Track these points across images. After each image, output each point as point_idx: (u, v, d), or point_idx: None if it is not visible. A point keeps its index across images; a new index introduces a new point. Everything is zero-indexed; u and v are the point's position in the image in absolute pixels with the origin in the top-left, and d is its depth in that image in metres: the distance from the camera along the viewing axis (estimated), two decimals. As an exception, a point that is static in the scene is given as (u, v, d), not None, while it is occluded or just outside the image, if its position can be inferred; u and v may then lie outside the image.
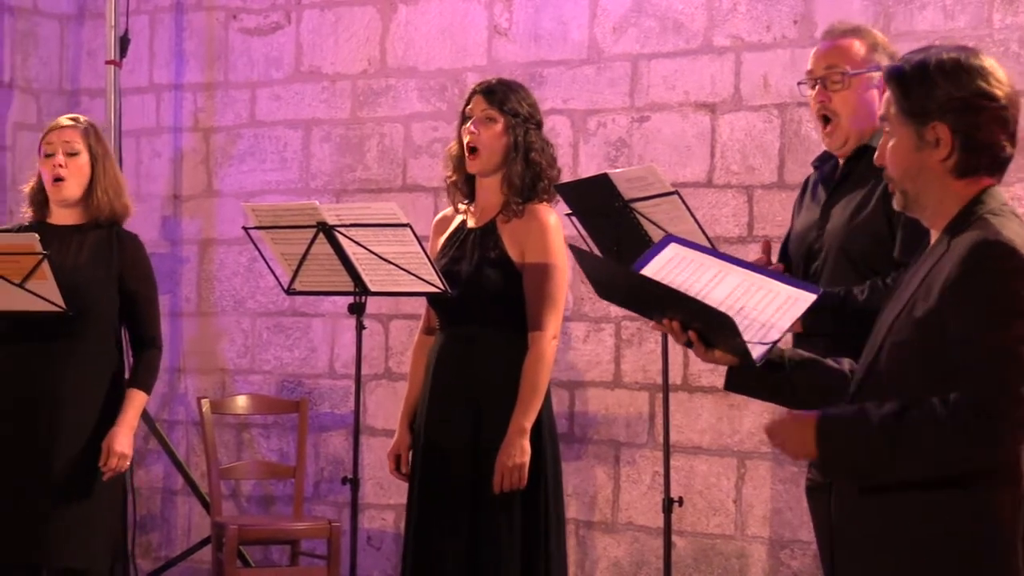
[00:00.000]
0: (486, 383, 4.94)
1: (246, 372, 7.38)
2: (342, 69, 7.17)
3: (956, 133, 2.98)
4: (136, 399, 5.36)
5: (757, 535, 6.13)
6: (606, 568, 6.44)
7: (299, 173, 7.26)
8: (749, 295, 3.16)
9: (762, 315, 3.13)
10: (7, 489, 5.19)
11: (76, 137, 5.34)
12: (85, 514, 5.25)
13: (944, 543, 2.91)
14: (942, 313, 2.89)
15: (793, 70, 6.01)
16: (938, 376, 2.88)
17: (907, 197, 3.06)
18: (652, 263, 3.23)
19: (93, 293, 5.29)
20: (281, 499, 7.23)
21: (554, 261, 4.93)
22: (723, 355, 3.16)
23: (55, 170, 5.30)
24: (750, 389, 3.32)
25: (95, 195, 5.34)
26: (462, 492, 4.91)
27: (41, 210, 5.41)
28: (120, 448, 5.26)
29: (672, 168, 6.24)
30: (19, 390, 5.24)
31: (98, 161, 5.36)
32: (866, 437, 2.92)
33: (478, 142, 4.98)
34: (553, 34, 6.62)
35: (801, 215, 4.50)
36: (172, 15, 7.63)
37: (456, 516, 4.90)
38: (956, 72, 3.00)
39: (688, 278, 3.19)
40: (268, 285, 7.12)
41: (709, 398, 6.23)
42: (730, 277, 3.20)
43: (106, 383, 5.36)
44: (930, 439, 2.87)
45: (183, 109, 7.60)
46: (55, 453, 5.22)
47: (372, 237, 4.99)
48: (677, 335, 3.18)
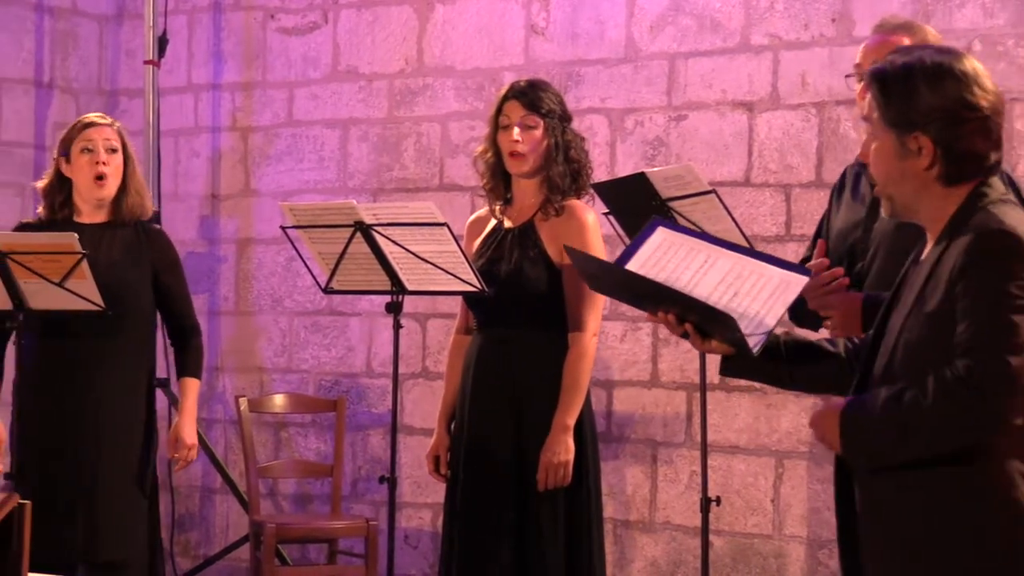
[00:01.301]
0: (527, 383, 4.95)
1: (284, 371, 7.40)
2: (379, 68, 7.18)
3: (938, 144, 2.95)
4: (193, 387, 5.46)
5: (795, 534, 6.12)
6: (643, 567, 6.44)
7: (336, 172, 7.28)
8: (741, 280, 3.13)
9: (756, 302, 3.11)
10: (55, 486, 5.24)
11: (113, 136, 5.39)
12: (129, 508, 5.32)
13: (953, 518, 2.92)
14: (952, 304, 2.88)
15: (831, 68, 5.99)
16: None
17: (894, 202, 3.05)
18: (642, 250, 3.20)
19: (131, 290, 5.33)
20: (319, 498, 7.24)
21: None
22: (719, 345, 3.16)
23: (99, 167, 5.33)
24: (746, 374, 3.34)
25: (128, 195, 5.38)
26: (506, 491, 4.91)
27: (62, 209, 5.41)
28: (190, 439, 5.37)
29: (709, 167, 6.23)
30: (64, 388, 5.29)
31: (130, 160, 5.41)
32: (874, 424, 2.95)
33: (523, 149, 4.99)
34: (590, 33, 6.62)
35: (842, 211, 4.47)
36: (210, 15, 7.65)
37: (501, 515, 4.91)
38: (939, 79, 2.96)
39: (679, 265, 3.16)
40: (306, 284, 7.14)
41: (747, 397, 6.21)
42: (721, 262, 3.16)
43: (146, 378, 5.42)
44: (926, 417, 2.88)
45: (221, 109, 7.62)
46: (101, 449, 5.28)
47: (409, 236, 4.99)
48: (673, 327, 3.17)
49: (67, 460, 5.26)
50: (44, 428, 5.28)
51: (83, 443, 5.27)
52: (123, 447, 5.31)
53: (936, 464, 2.92)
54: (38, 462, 5.27)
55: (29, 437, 5.27)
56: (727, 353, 3.19)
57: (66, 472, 5.26)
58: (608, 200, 5.16)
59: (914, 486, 2.95)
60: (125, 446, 5.32)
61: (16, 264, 5.06)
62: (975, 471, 2.90)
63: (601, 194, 5.14)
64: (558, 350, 4.93)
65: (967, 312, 2.86)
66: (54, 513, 5.17)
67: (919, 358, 2.92)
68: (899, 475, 2.97)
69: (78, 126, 5.42)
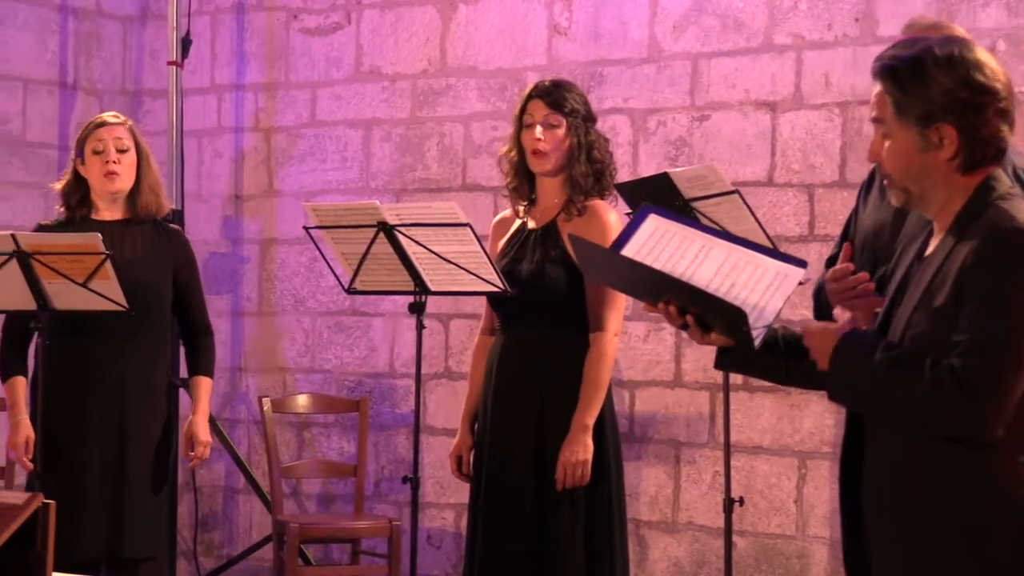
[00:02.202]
0: (549, 383, 4.95)
1: (307, 371, 7.41)
2: (402, 69, 7.19)
3: (962, 132, 2.95)
4: (206, 386, 5.51)
5: (818, 535, 6.11)
6: (666, 568, 6.43)
7: (359, 173, 7.28)
8: (737, 271, 3.10)
9: (753, 294, 3.07)
10: (81, 484, 5.26)
11: (125, 134, 5.41)
12: (150, 505, 5.36)
13: (955, 505, 2.92)
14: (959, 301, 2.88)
15: (855, 68, 5.98)
16: None
17: (910, 195, 3.03)
18: (635, 238, 3.15)
19: (152, 288, 5.36)
20: (342, 498, 7.25)
21: None
22: (719, 337, 3.14)
23: (109, 166, 5.35)
24: (743, 368, 3.33)
25: (142, 193, 5.42)
26: (527, 491, 4.92)
27: (79, 207, 5.45)
28: (205, 436, 5.42)
29: (732, 167, 6.22)
30: (85, 387, 5.31)
31: (143, 158, 5.44)
32: (866, 368, 2.95)
33: (545, 147, 5.00)
34: (613, 33, 6.61)
35: (869, 211, 4.44)
36: (233, 16, 7.67)
37: (522, 515, 4.91)
38: (952, 67, 2.95)
39: (673, 254, 3.12)
40: (329, 284, 7.15)
41: (770, 398, 6.20)
42: (715, 252, 3.12)
43: (166, 375, 5.46)
44: (911, 395, 2.90)
45: (244, 109, 7.64)
46: (127, 447, 5.30)
47: (432, 236, 5.00)
48: (673, 319, 3.14)
49: (89, 459, 5.29)
50: (66, 427, 5.30)
51: (105, 442, 5.29)
52: (144, 446, 5.34)
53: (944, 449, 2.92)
54: (61, 461, 5.30)
55: (51, 436, 5.29)
56: (727, 345, 3.18)
57: (89, 471, 5.28)
58: (631, 200, 5.15)
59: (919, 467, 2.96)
60: (146, 445, 5.35)
61: (40, 265, 5.07)
62: (983, 459, 2.90)
63: (624, 194, 5.14)
64: (580, 350, 4.94)
65: (972, 312, 2.86)
66: (77, 511, 5.19)
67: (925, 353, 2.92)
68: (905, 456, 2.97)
69: (90, 126, 5.46)
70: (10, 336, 5.44)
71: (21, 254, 5.06)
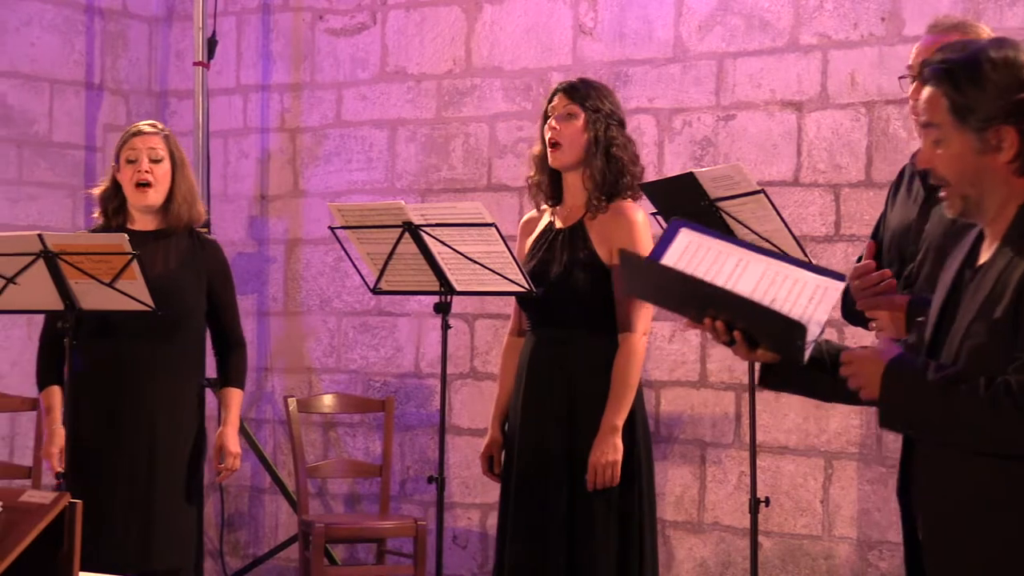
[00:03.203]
0: (579, 383, 4.95)
1: (332, 371, 7.42)
2: (427, 69, 7.19)
3: (1021, 134, 2.91)
4: (236, 397, 5.49)
5: (845, 535, 6.09)
6: (692, 568, 6.42)
7: (385, 173, 7.29)
8: (776, 286, 3.03)
9: (795, 308, 3.00)
10: (107, 491, 5.25)
11: (159, 144, 5.39)
12: (180, 515, 5.33)
13: (1010, 527, 2.89)
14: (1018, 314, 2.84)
15: (881, 68, 5.97)
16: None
17: (968, 202, 2.98)
18: (668, 254, 3.08)
19: (187, 299, 5.36)
20: (367, 498, 7.26)
21: None
22: (766, 353, 3.09)
23: (141, 175, 5.35)
24: (789, 386, 3.27)
25: (175, 202, 5.40)
26: (558, 492, 4.91)
27: (116, 216, 5.45)
28: (235, 448, 5.40)
29: (758, 167, 6.22)
30: (117, 393, 5.31)
31: (178, 168, 5.42)
32: (919, 395, 2.90)
33: (559, 137, 4.99)
34: (638, 33, 6.61)
35: (896, 209, 4.43)
36: (259, 16, 7.68)
37: (553, 516, 4.90)
38: (1010, 69, 2.92)
39: (709, 268, 3.05)
40: (354, 285, 7.16)
41: (796, 398, 6.18)
42: (752, 266, 3.06)
43: (197, 387, 5.45)
44: (968, 415, 2.85)
45: (270, 110, 7.65)
46: (157, 457, 5.29)
47: (457, 237, 5.00)
48: (720, 334, 3.08)
49: (120, 466, 5.28)
50: (97, 432, 5.31)
51: (136, 449, 5.29)
52: (175, 456, 5.33)
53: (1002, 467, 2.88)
54: (90, 466, 5.30)
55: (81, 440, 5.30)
56: (773, 361, 3.13)
57: (119, 478, 5.28)
58: (656, 200, 5.15)
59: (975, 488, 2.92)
60: (177, 455, 5.34)
61: (67, 265, 5.09)
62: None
63: (649, 194, 5.13)
64: (609, 350, 4.93)
65: None
66: (107, 518, 5.19)
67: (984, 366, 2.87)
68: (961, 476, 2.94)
69: (126, 134, 5.46)
70: (47, 346, 5.45)
71: (48, 254, 5.08)
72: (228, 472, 5.45)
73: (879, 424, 3.05)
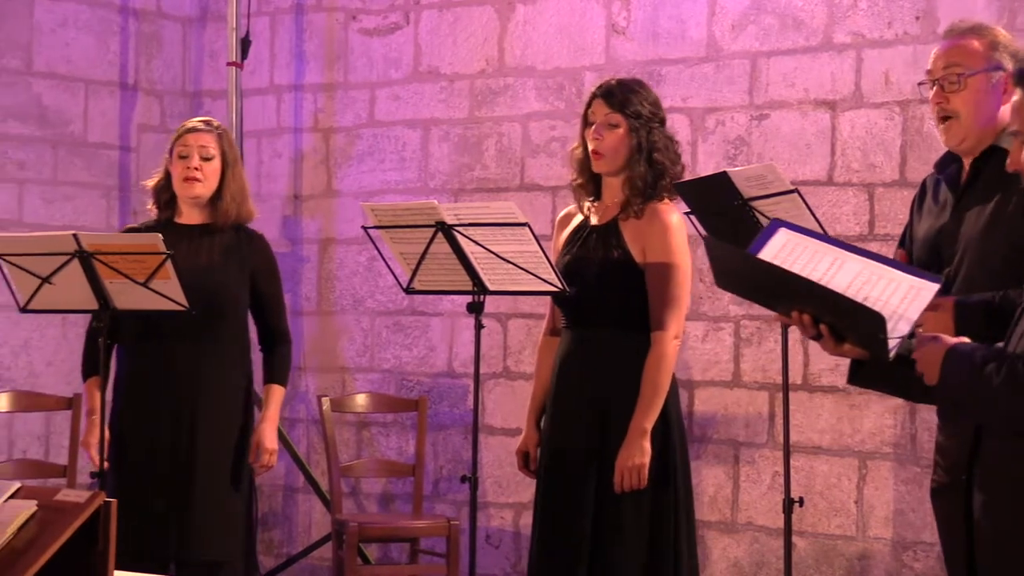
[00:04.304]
0: (612, 383, 4.93)
1: (366, 371, 7.43)
2: (460, 69, 7.19)
3: None
4: (277, 394, 5.52)
5: (879, 536, 6.07)
6: (725, 568, 6.41)
7: (418, 173, 7.30)
8: (871, 285, 3.06)
9: (888, 306, 3.02)
10: (154, 486, 5.29)
11: (211, 142, 5.43)
12: (224, 509, 5.36)
13: None
14: None
15: (915, 67, 5.94)
16: None
17: None
18: (766, 250, 3.13)
19: (229, 293, 5.39)
20: (400, 497, 7.26)
21: (676, 261, 4.91)
22: (852, 348, 3.09)
23: (189, 171, 5.39)
24: (876, 384, 3.25)
25: (223, 200, 5.43)
26: (586, 492, 4.90)
27: (168, 208, 5.50)
28: (271, 444, 5.43)
29: (792, 166, 6.20)
30: (160, 390, 5.34)
31: (228, 167, 5.45)
32: (977, 380, 2.91)
33: (602, 147, 4.98)
34: (671, 32, 6.60)
35: (924, 218, 4.40)
36: (292, 16, 7.70)
37: (581, 517, 4.89)
38: None
39: (805, 266, 3.09)
40: (387, 284, 7.16)
41: (829, 398, 6.18)
42: (848, 265, 3.10)
43: (243, 381, 5.47)
44: (1012, 396, 2.87)
45: (303, 110, 7.67)
46: (198, 450, 5.32)
47: (490, 236, 5.00)
48: (807, 328, 3.09)
49: (162, 461, 5.31)
50: (138, 425, 5.34)
51: (179, 444, 5.31)
52: (216, 450, 5.36)
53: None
54: (133, 462, 5.34)
55: (125, 437, 5.34)
56: (860, 358, 3.13)
57: (161, 473, 5.30)
58: (689, 199, 5.14)
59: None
60: (218, 449, 5.36)
61: (101, 264, 5.11)
62: None
63: (682, 193, 5.12)
64: (642, 350, 4.91)
65: None
66: (149, 513, 5.22)
67: None
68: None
69: (180, 130, 5.52)
70: (93, 336, 5.48)
71: (83, 254, 5.10)
72: (264, 468, 5.47)
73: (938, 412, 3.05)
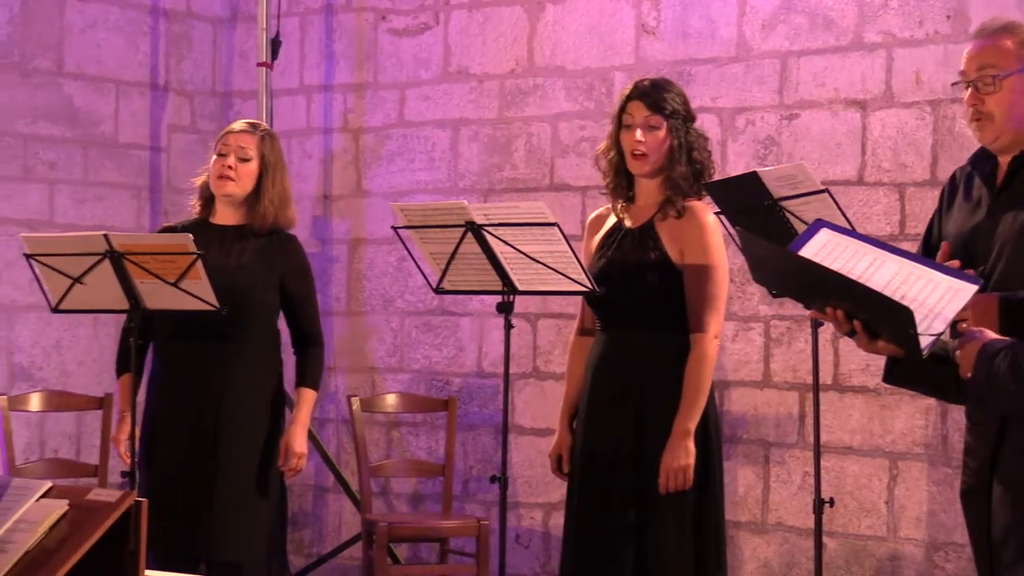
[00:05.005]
0: (648, 385, 4.91)
1: (395, 371, 7.44)
2: (490, 69, 7.19)
3: None
4: (307, 397, 5.50)
5: (910, 537, 6.05)
6: (755, 569, 6.40)
7: (447, 173, 7.30)
8: (908, 284, 3.08)
9: (924, 305, 3.04)
10: (179, 484, 5.31)
11: (251, 143, 5.43)
12: (248, 510, 5.36)
13: None
14: None
15: (946, 66, 5.92)
16: None
17: None
18: (806, 248, 3.16)
19: (257, 294, 5.39)
20: (430, 497, 7.27)
21: (714, 261, 4.91)
22: (886, 346, 3.09)
23: (223, 170, 5.39)
24: (911, 382, 3.25)
25: (262, 203, 5.42)
26: (627, 496, 4.88)
27: (208, 206, 5.51)
28: (299, 448, 5.42)
29: (822, 166, 6.18)
30: (190, 390, 5.35)
31: (268, 171, 5.43)
32: (989, 373, 2.94)
33: (645, 150, 4.96)
34: (701, 32, 6.59)
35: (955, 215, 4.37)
36: (322, 17, 7.71)
37: (622, 521, 4.87)
38: None
39: (844, 265, 3.11)
40: (417, 284, 7.17)
41: (860, 398, 6.16)
42: (888, 264, 3.12)
43: (273, 382, 5.47)
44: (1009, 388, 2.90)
45: (333, 110, 7.68)
46: (224, 451, 5.33)
47: (520, 236, 5.00)
48: (841, 324, 3.09)
49: (189, 461, 5.33)
50: (169, 429, 5.36)
51: (204, 444, 5.33)
52: (244, 450, 5.36)
53: None
54: (162, 462, 5.36)
55: (155, 436, 5.36)
56: (895, 355, 3.12)
57: (187, 473, 5.32)
58: (719, 199, 5.13)
59: None
60: (244, 450, 5.37)
61: (132, 264, 5.13)
62: None
63: (712, 193, 5.11)
64: (679, 352, 4.90)
65: None
66: (177, 513, 5.23)
67: None
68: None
69: (224, 130, 5.54)
70: (127, 336, 5.49)
71: (114, 254, 5.12)
72: (292, 472, 5.47)
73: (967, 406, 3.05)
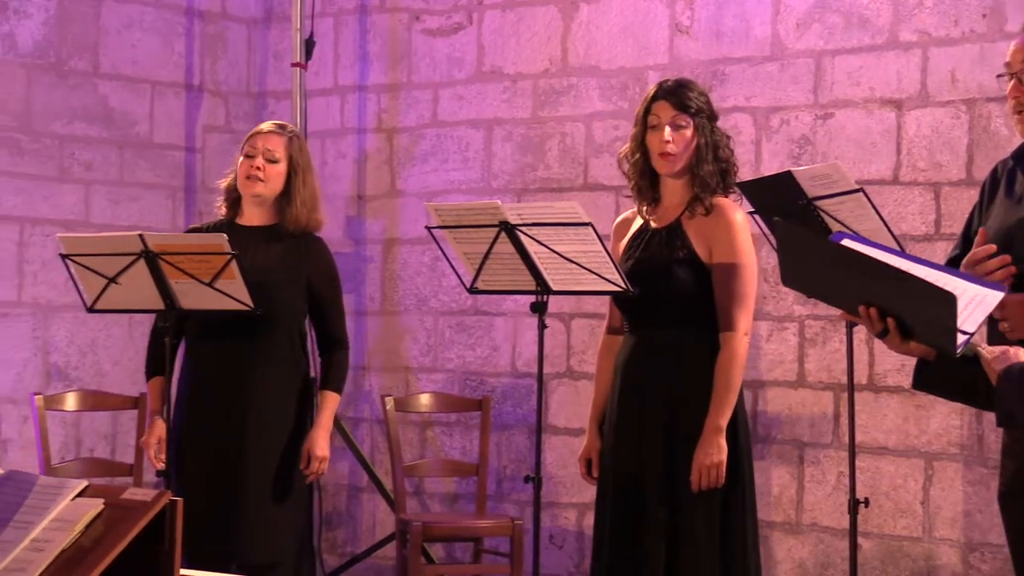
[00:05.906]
0: (678, 384, 4.90)
1: (429, 370, 7.44)
2: (524, 69, 7.19)
3: None
4: (330, 401, 5.48)
5: (946, 537, 6.03)
6: (790, 569, 6.38)
7: (481, 173, 7.30)
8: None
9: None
10: (205, 485, 5.32)
11: (279, 145, 5.43)
12: (275, 511, 5.37)
13: None
14: None
15: (982, 65, 5.90)
16: None
17: None
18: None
19: (283, 296, 5.39)
20: (464, 497, 7.27)
21: (743, 259, 4.89)
22: (918, 346, 3.06)
23: (250, 171, 5.40)
24: (941, 387, 3.21)
25: (292, 205, 5.42)
26: (658, 496, 4.88)
27: (235, 207, 5.52)
28: (321, 452, 5.40)
29: (857, 165, 6.16)
30: (216, 390, 5.36)
31: (297, 172, 5.43)
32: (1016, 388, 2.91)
33: (674, 149, 4.95)
34: (735, 31, 6.57)
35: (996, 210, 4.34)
36: (356, 17, 7.72)
37: (653, 520, 4.87)
38: None
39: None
40: (451, 284, 7.17)
41: (895, 398, 6.14)
42: (915, 269, 3.08)
43: (298, 383, 5.47)
44: None
45: (367, 110, 7.69)
46: (249, 451, 5.34)
47: (554, 236, 4.99)
48: (873, 323, 3.05)
49: (215, 461, 5.34)
50: (196, 429, 5.38)
51: (229, 445, 5.33)
52: (270, 450, 5.37)
53: None
54: (190, 462, 5.37)
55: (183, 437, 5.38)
56: (925, 356, 3.09)
57: (214, 473, 5.33)
58: (753, 199, 5.12)
59: None
60: (267, 452, 5.36)
61: (167, 264, 5.14)
62: None
63: (747, 193, 5.10)
64: (708, 350, 4.89)
65: None
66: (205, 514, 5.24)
67: None
68: None
69: (251, 131, 5.54)
70: (157, 337, 5.50)
71: (149, 254, 5.14)
72: (314, 476, 5.45)
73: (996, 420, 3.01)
